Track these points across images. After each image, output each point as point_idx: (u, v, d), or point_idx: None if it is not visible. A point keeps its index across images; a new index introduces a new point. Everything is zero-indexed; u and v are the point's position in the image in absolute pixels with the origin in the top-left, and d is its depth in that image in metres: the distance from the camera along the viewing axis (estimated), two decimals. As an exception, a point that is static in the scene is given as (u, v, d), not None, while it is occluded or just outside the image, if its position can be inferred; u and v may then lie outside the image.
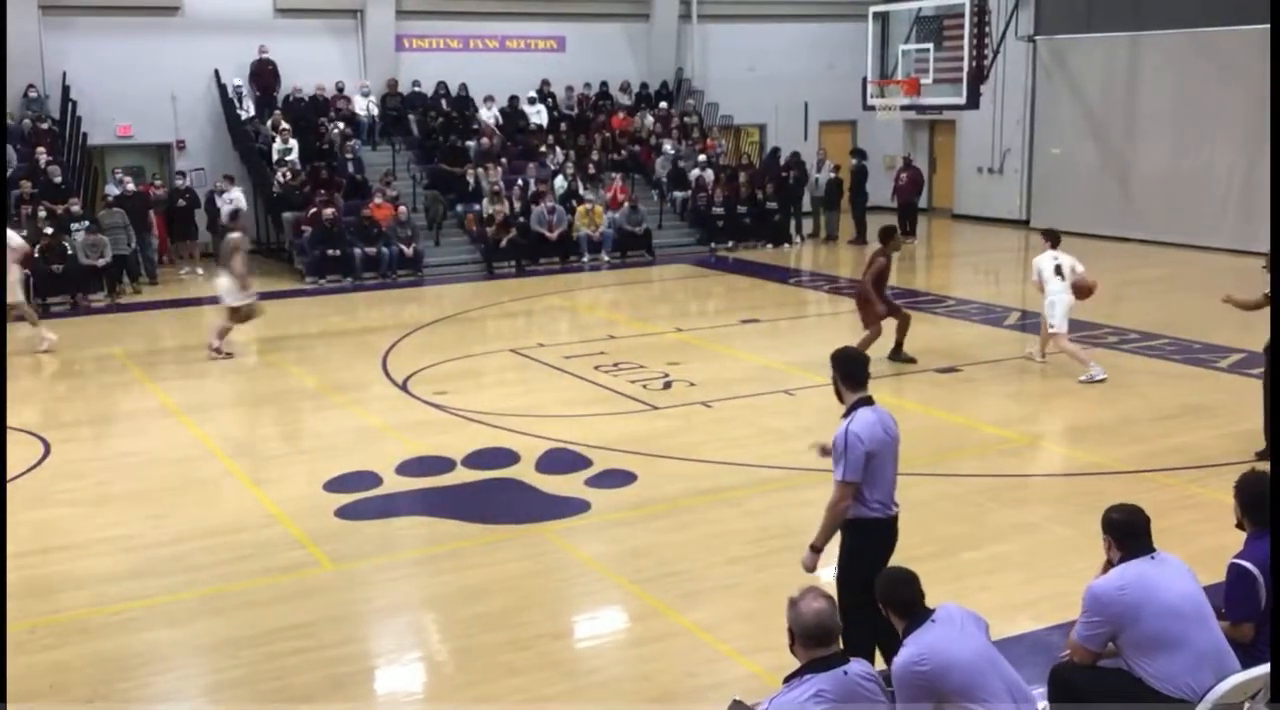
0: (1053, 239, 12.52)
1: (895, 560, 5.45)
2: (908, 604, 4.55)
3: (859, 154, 24.57)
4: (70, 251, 18.09)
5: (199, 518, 8.74)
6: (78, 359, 14.75)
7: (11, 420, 11.42)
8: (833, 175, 24.01)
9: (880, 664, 5.09)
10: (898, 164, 24.76)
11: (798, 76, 26.96)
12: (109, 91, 21.39)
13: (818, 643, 4.22)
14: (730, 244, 22.81)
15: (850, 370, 5.79)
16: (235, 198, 20.60)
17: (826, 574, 5.88)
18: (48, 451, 10.43)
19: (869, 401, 5.71)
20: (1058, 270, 12.11)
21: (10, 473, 9.71)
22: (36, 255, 17.60)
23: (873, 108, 22.93)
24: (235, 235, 14.53)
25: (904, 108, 22.55)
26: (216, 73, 22.44)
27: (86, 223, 18.56)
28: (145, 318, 17.38)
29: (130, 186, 20.31)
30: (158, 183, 21.53)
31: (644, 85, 26.23)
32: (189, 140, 22.62)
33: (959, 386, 12.22)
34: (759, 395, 11.88)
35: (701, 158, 24.16)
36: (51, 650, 6.64)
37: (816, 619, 4.22)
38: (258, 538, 8.32)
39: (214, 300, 14.80)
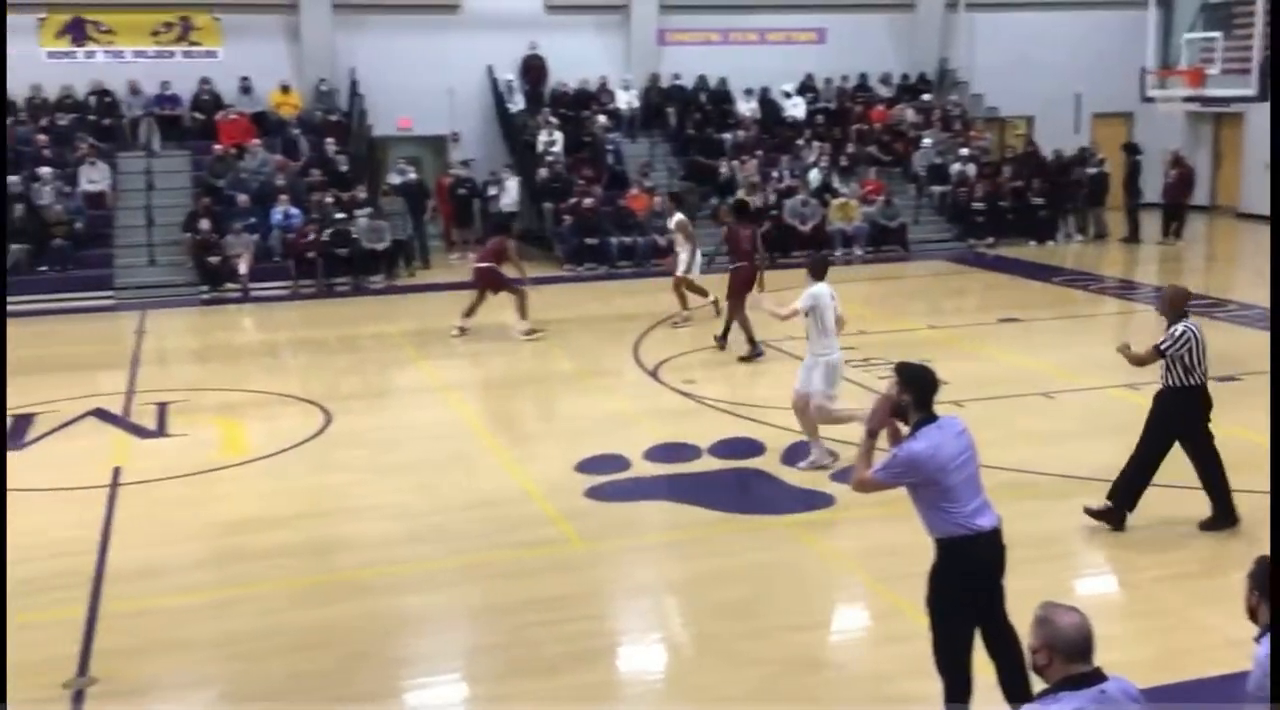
0: None
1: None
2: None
3: (1131, 149, 23.31)
4: (354, 236, 19.37)
5: (460, 491, 9.24)
6: (358, 336, 15.80)
7: (298, 390, 12.40)
8: (1097, 170, 22.88)
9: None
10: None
11: (1069, 66, 25.81)
12: (392, 86, 22.73)
13: (1080, 657, 4.02)
14: (990, 240, 22.11)
15: (921, 386, 5.37)
16: (510, 188, 21.53)
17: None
18: (329, 421, 11.25)
19: (934, 418, 5.35)
20: None
21: (296, 439, 10.57)
22: (325, 239, 18.98)
23: (1152, 99, 21.72)
24: (510, 242, 15.47)
25: (1186, 99, 21.25)
26: (490, 68, 23.49)
27: (369, 209, 19.83)
28: (419, 299, 18.43)
29: (411, 175, 21.60)
30: (449, 173, 22.72)
31: (905, 76, 25.74)
32: (463, 132, 23.78)
33: (1238, 398, 11.46)
34: (1014, 397, 11.53)
35: (963, 151, 23.51)
36: (327, 606, 7.20)
37: (1077, 632, 3.98)
38: (513, 513, 8.73)
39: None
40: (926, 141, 23.83)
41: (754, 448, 10.05)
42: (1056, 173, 22.92)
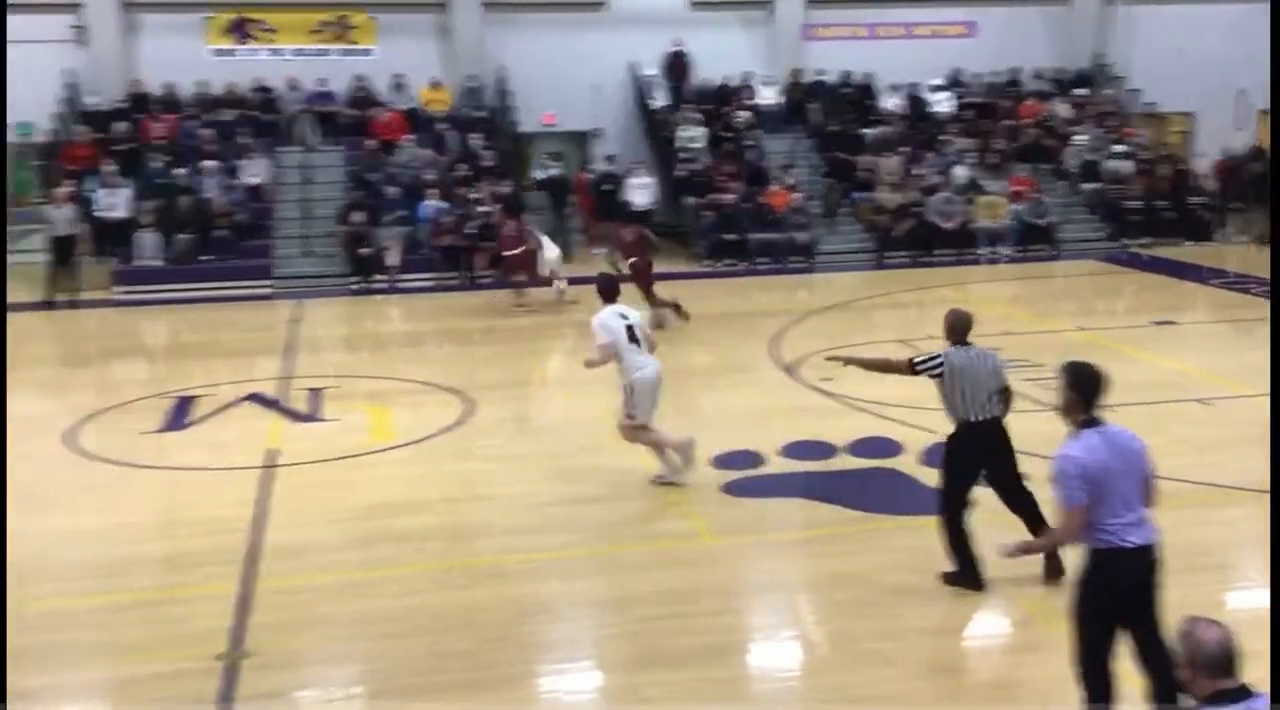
0: None
1: None
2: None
3: None
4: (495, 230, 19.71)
5: (594, 481, 9.36)
6: (499, 328, 16.13)
7: (441, 379, 12.73)
8: (1264, 168, 21.87)
9: None
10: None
11: (1233, 61, 24.69)
12: (538, 82, 23.09)
13: (1223, 672, 3.90)
14: (1146, 240, 21.35)
15: (1086, 387, 5.20)
16: (647, 183, 21.69)
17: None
18: (471, 409, 11.52)
19: (1096, 422, 5.19)
20: None
21: (440, 426, 10.87)
22: (470, 232, 19.41)
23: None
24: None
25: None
26: (633, 64, 23.67)
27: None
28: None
29: (554, 171, 21.93)
30: (590, 169, 23.00)
31: (1059, 71, 25.02)
32: (605, 128, 24.01)
33: None
34: (1169, 403, 11.13)
35: (1119, 148, 22.74)
36: (466, 590, 7.39)
37: (1220, 647, 3.87)
38: (647, 505, 8.82)
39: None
40: (1079, 138, 23.12)
41: (891, 447, 9.95)
42: (1225, 172, 21.98)
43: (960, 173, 21.88)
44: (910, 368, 7.26)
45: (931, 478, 9.13)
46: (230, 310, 17.80)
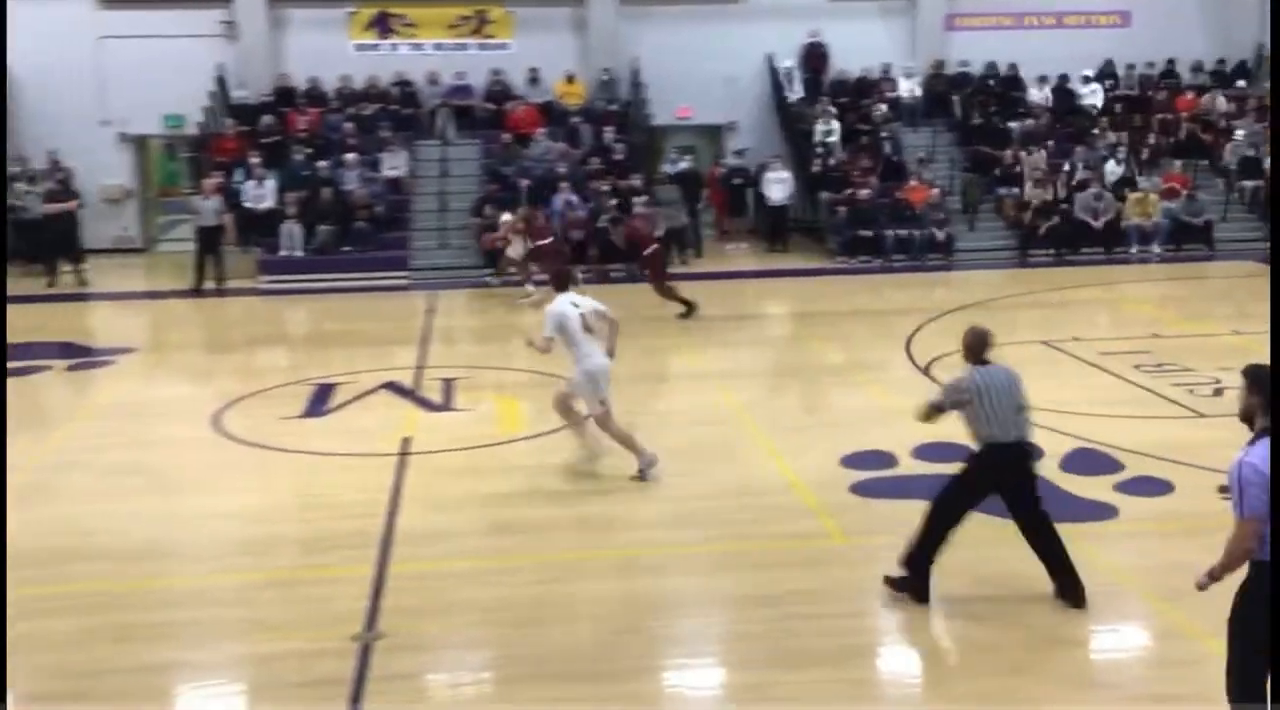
0: None
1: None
2: None
3: None
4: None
5: (724, 478, 9.29)
6: (632, 321, 16.12)
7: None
8: None
9: None
10: None
11: None
12: (672, 75, 23.07)
13: None
14: (1310, 240, 20.31)
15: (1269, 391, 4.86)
16: (784, 178, 21.50)
17: None
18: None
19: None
20: None
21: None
22: (601, 225, 19.48)
23: None
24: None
25: None
26: (770, 56, 23.46)
27: (645, 197, 20.21)
28: (689, 288, 18.60)
29: (686, 164, 21.89)
30: (722, 163, 22.92)
31: (1217, 62, 23.97)
32: (740, 121, 23.86)
33: None
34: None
35: None
36: (595, 581, 7.39)
37: None
38: (775, 503, 8.70)
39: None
40: (1239, 133, 22.10)
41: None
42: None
43: (1111, 168, 21.12)
44: (937, 411, 6.97)
45: (1074, 484, 8.85)
46: (368, 300, 18.21)
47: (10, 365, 13.45)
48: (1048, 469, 9.17)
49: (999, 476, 6.82)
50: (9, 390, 12.71)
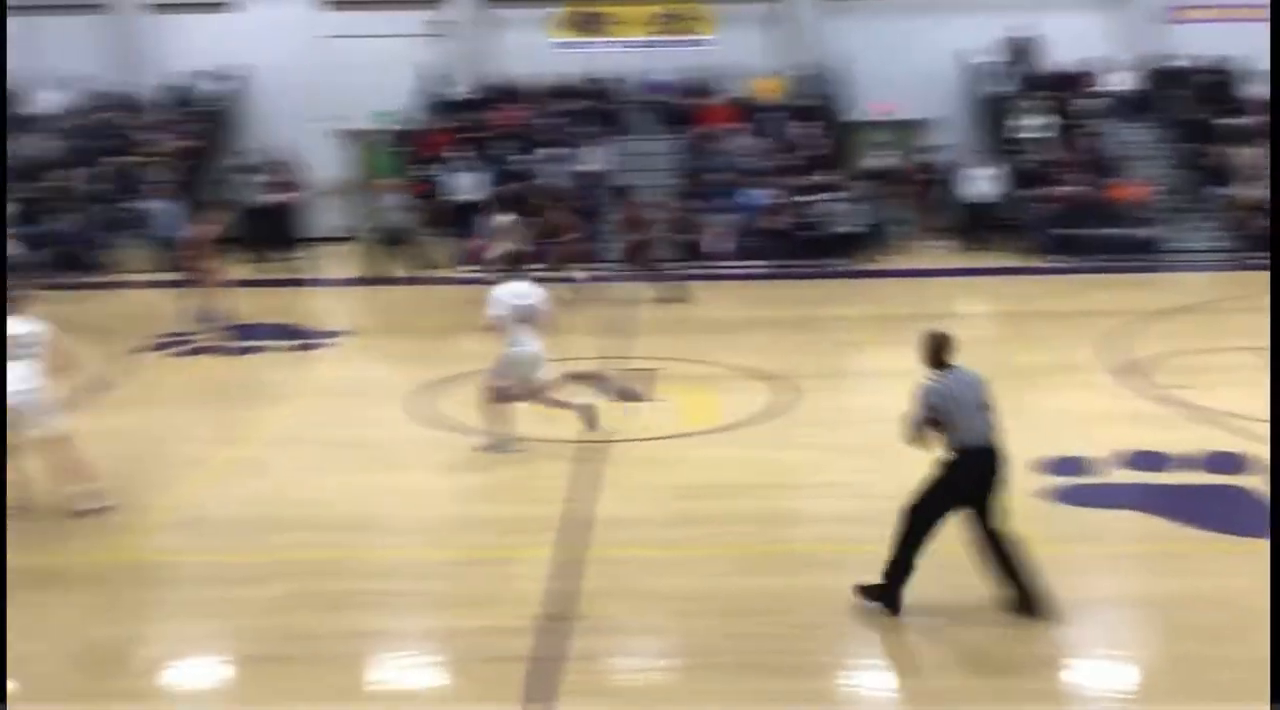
0: None
1: None
2: None
3: None
4: (823, 219, 19.67)
5: (911, 477, 9.11)
6: (820, 317, 16.05)
7: (762, 366, 12.79)
8: None
9: None
10: None
11: None
12: (872, 69, 22.77)
13: None
14: None
15: None
16: (984, 175, 20.96)
17: None
18: (791, 398, 11.53)
19: None
20: None
21: (759, 413, 10.94)
22: (795, 220, 19.42)
23: None
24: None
25: None
26: (972, 50, 22.88)
27: (840, 193, 20.04)
28: (881, 285, 18.41)
29: (884, 160, 21.59)
30: (919, 159, 22.54)
31: None
32: (938, 116, 23.36)
33: None
34: None
35: None
36: (779, 575, 7.41)
37: None
38: (970, 506, 8.51)
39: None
40: None
41: (1238, 463, 9.15)
42: None
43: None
44: (919, 428, 6.67)
45: (1290, 498, 8.37)
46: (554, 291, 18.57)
47: (234, 345, 14.37)
48: (1255, 482, 8.73)
49: (974, 483, 6.55)
50: (234, 368, 13.58)
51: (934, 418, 6.55)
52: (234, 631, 6.68)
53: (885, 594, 6.74)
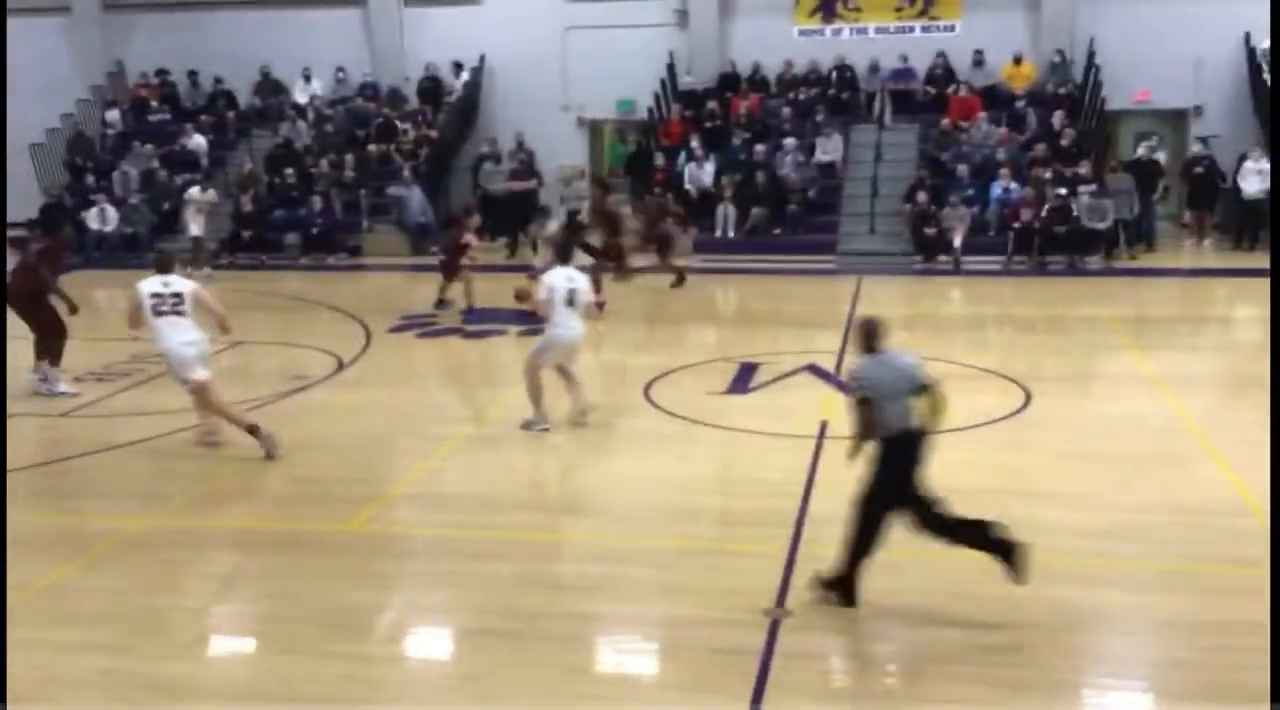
0: None
1: None
2: None
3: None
4: (1074, 213, 18.73)
5: (1166, 492, 8.57)
6: (1067, 317, 15.28)
7: (999, 367, 12.26)
8: None
9: None
10: None
11: None
12: (1132, 56, 21.54)
13: None
14: None
15: None
16: (1264, 169, 19.44)
17: None
18: (1028, 401, 11.01)
19: None
20: None
21: (993, 415, 10.48)
22: (1044, 215, 18.55)
23: None
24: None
25: None
26: (1248, 35, 21.26)
27: (1093, 186, 19.03)
28: (1138, 284, 17.38)
29: (1143, 152, 20.37)
30: (1189, 152, 21.19)
31: None
32: (1208, 106, 21.88)
33: None
34: None
35: None
36: (1011, 585, 7.05)
37: None
38: (1226, 525, 7.92)
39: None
40: None
41: None
42: None
43: None
44: (861, 417, 6.62)
45: None
46: (795, 283, 18.43)
47: (472, 329, 14.88)
48: None
49: (905, 466, 6.59)
50: (472, 351, 14.05)
51: (867, 401, 6.57)
52: (465, 604, 6.86)
53: (840, 586, 6.67)
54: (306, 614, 6.70)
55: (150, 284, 9.47)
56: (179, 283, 9.57)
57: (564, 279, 10.03)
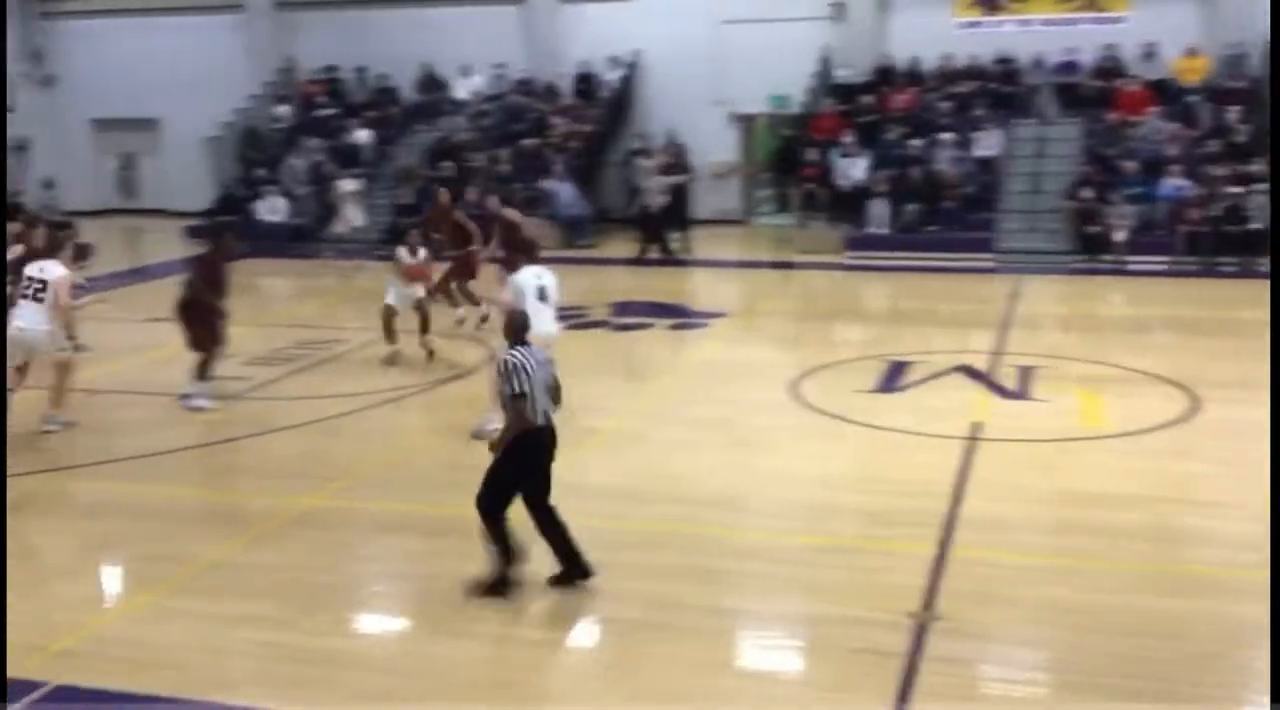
0: None
1: None
2: None
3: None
4: (1249, 213, 17.91)
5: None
6: (1239, 320, 14.62)
7: (1164, 370, 11.79)
8: None
9: None
10: None
11: None
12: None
13: None
14: None
15: None
16: None
17: None
18: (1196, 407, 10.58)
19: None
20: None
21: (1158, 421, 10.12)
22: (1216, 214, 17.77)
23: None
24: None
25: None
26: None
27: (1266, 183, 18.14)
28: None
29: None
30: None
31: None
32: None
33: None
34: None
35: None
36: (1170, 597, 6.81)
37: None
38: None
39: None
40: None
41: None
42: None
43: None
44: (512, 403, 6.63)
45: None
46: (949, 281, 18.06)
47: (617, 321, 15.01)
48: None
49: (541, 458, 6.75)
50: (616, 344, 14.18)
51: (517, 393, 6.61)
52: (609, 593, 6.92)
53: (499, 583, 6.80)
54: (460, 597, 6.86)
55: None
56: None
57: (532, 276, 9.97)
